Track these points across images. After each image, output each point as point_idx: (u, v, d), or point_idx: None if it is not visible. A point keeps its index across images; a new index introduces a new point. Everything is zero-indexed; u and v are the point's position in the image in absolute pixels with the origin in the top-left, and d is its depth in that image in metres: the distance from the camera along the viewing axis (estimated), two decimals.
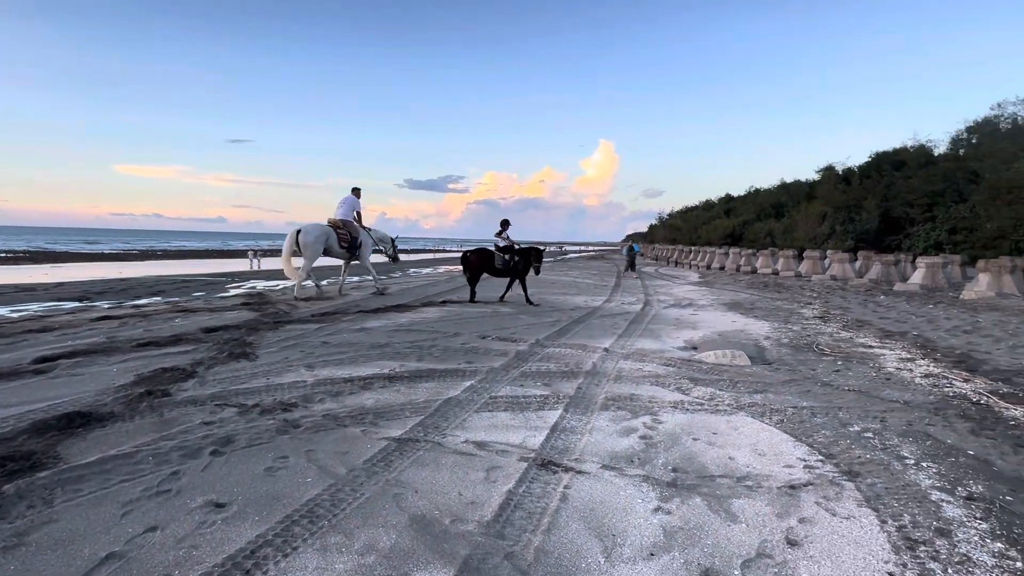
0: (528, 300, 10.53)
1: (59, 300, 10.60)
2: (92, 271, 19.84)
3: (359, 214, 11.39)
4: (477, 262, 10.68)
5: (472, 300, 10.58)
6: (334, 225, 10.90)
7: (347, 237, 10.94)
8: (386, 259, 12.68)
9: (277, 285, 14.62)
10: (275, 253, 40.01)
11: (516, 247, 10.85)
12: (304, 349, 5.91)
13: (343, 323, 7.68)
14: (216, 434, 3.39)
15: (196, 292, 12.75)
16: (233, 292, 12.85)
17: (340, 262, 11.79)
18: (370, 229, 11.77)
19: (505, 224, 10.99)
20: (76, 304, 10.09)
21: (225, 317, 8.09)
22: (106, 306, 9.71)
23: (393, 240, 12.57)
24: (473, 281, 10.86)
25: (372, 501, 2.63)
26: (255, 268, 23.22)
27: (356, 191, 11.50)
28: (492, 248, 10.87)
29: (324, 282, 11.69)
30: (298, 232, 10.39)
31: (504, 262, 10.64)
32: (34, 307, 9.64)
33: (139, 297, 11.29)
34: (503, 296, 10.87)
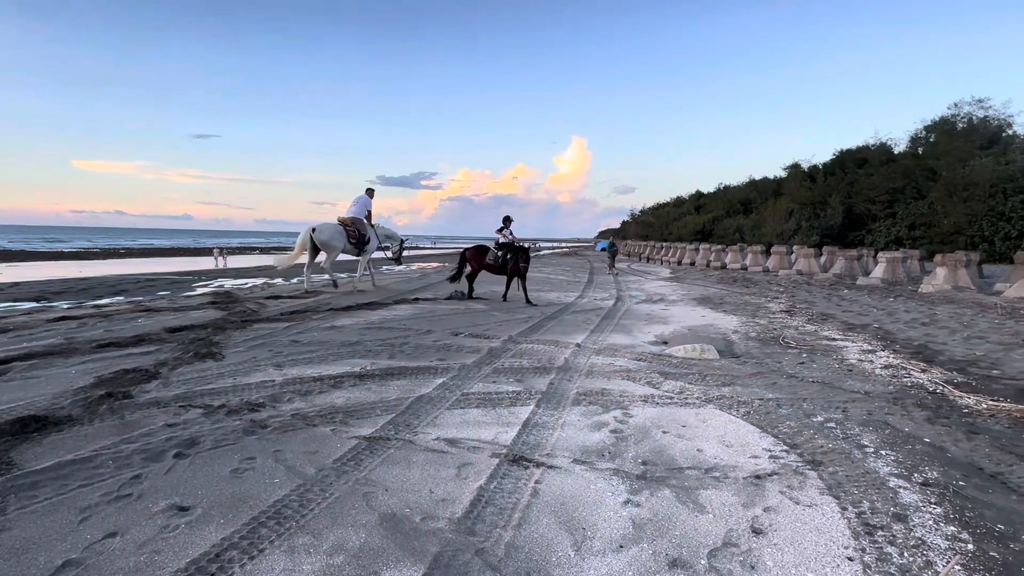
0: (504, 297, 10.55)
1: (14, 301, 10.17)
2: (50, 270, 19.09)
3: (369, 213, 11.83)
4: (473, 259, 10.79)
5: (449, 295, 10.65)
6: (343, 223, 11.34)
7: (355, 234, 11.40)
8: (384, 257, 12.89)
9: (245, 283, 14.30)
10: (243, 251, 39.17)
11: (515, 244, 10.80)
12: (273, 348, 5.80)
13: (313, 321, 7.56)
14: (180, 436, 3.30)
15: (161, 291, 12.39)
16: (200, 291, 12.52)
17: (346, 259, 12.25)
18: (376, 226, 12.06)
19: (507, 221, 10.89)
20: (33, 304, 9.71)
21: (191, 316, 7.88)
22: (65, 306, 9.36)
23: (402, 241, 12.87)
24: (471, 278, 10.97)
25: (341, 501, 2.60)
26: (220, 266, 22.68)
27: (370, 191, 12.03)
28: (491, 245, 10.89)
29: (296, 279, 11.59)
30: (312, 230, 10.86)
31: (495, 258, 10.65)
32: None
33: (100, 297, 10.91)
34: (526, 298, 10.44)
